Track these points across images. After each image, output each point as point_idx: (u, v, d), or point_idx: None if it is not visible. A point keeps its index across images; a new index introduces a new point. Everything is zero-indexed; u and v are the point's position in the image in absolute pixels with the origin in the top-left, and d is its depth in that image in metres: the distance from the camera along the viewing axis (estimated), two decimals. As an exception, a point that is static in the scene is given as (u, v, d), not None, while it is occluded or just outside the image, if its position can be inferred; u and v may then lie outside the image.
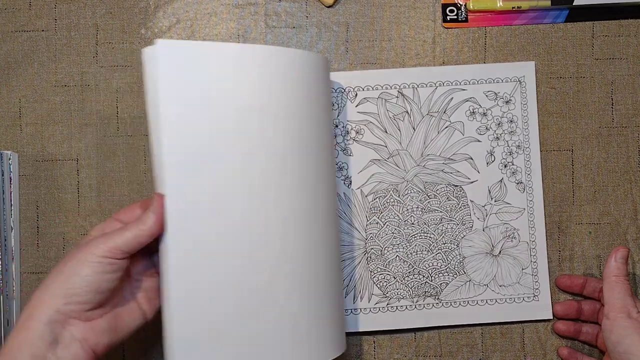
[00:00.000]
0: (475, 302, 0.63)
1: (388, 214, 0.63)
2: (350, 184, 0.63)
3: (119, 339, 0.51)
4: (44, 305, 0.47)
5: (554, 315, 0.64)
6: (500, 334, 0.64)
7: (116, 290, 0.51)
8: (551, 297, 0.64)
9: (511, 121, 0.64)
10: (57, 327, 0.47)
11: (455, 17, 0.65)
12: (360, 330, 0.63)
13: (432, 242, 0.63)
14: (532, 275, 0.63)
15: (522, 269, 0.63)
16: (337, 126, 0.64)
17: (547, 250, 0.64)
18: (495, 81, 0.64)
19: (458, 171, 0.64)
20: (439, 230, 0.63)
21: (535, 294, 0.63)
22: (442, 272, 0.63)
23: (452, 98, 0.64)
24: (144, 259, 0.54)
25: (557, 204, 0.65)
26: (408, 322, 0.63)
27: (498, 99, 0.64)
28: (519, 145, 0.64)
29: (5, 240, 0.63)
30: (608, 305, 0.55)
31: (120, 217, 0.53)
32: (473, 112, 0.64)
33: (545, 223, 0.64)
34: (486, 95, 0.64)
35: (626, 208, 0.65)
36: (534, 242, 0.64)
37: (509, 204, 0.64)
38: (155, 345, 0.63)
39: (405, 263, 0.63)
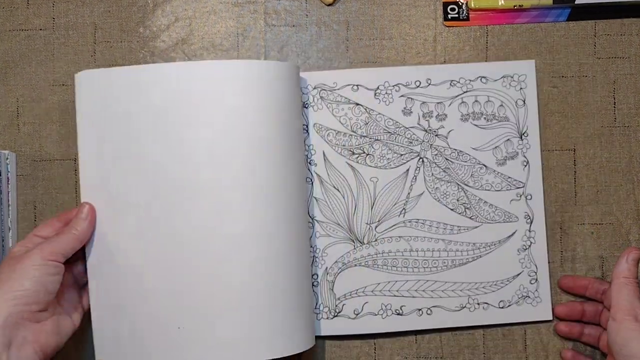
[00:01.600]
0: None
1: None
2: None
3: (61, 343, 0.54)
4: None
5: (555, 317, 0.63)
6: (502, 336, 0.63)
7: (57, 294, 0.54)
8: (553, 298, 0.63)
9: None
10: (10, 330, 0.50)
11: (457, 15, 0.65)
12: (361, 333, 0.62)
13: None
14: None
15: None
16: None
17: (549, 250, 0.63)
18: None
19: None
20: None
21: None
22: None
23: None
24: (67, 272, 0.57)
25: (559, 204, 0.64)
26: (409, 325, 0.62)
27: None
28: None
29: (3, 240, 0.63)
30: (615, 307, 0.54)
31: (39, 233, 0.56)
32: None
33: (547, 223, 0.64)
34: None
35: (629, 208, 0.64)
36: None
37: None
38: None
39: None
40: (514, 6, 0.64)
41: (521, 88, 0.64)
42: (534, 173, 0.63)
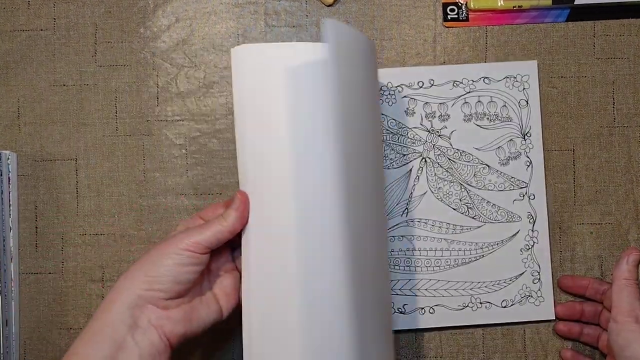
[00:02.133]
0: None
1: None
2: None
3: (194, 332, 0.52)
4: (126, 290, 0.50)
5: (555, 316, 0.63)
6: (501, 335, 0.64)
7: (196, 283, 0.52)
8: (553, 298, 0.63)
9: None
10: (137, 311, 0.50)
11: (456, 16, 0.65)
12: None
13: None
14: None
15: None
16: None
17: (549, 250, 0.64)
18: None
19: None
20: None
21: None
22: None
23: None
24: (226, 255, 0.56)
25: (558, 204, 0.64)
26: (411, 323, 0.63)
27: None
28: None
29: (4, 240, 0.63)
30: (616, 308, 0.55)
31: (203, 215, 0.56)
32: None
33: (547, 223, 0.64)
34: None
35: (628, 208, 0.64)
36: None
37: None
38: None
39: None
40: (514, 7, 0.64)
41: (524, 88, 0.64)
42: (537, 173, 0.64)
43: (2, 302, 0.62)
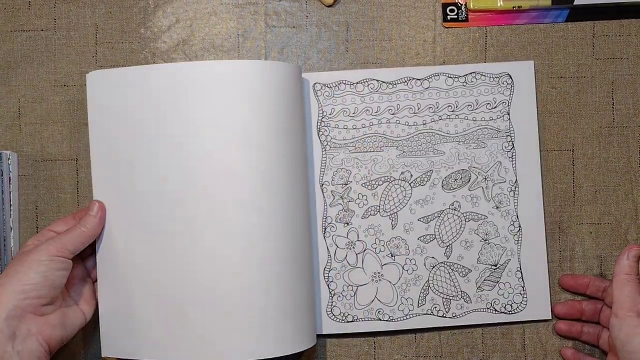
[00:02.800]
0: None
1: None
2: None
3: (68, 336, 0.56)
4: (1, 302, 0.51)
5: (555, 316, 0.63)
6: (500, 335, 0.64)
7: (62, 290, 0.55)
8: (552, 298, 0.63)
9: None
10: (15, 322, 0.51)
11: (456, 16, 0.65)
12: (360, 331, 0.63)
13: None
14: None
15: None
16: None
17: (548, 250, 0.64)
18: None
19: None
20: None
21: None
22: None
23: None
24: (79, 266, 0.59)
25: (557, 204, 0.64)
26: (409, 324, 0.63)
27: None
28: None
29: (5, 240, 0.63)
30: (617, 304, 0.55)
31: (54, 229, 0.58)
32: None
33: (546, 223, 0.64)
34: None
35: (627, 208, 0.64)
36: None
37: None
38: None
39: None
40: (513, 7, 0.64)
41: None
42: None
43: (3, 302, 0.62)
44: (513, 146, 0.64)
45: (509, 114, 0.64)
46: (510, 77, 0.64)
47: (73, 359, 0.63)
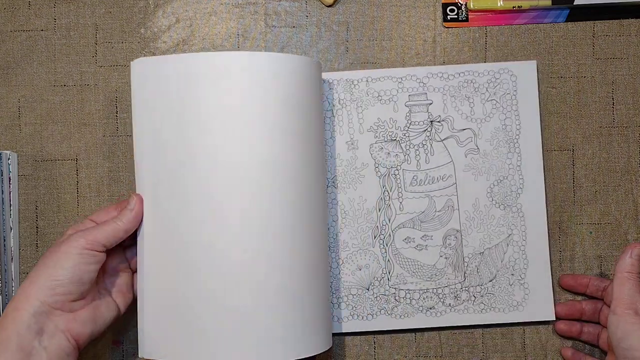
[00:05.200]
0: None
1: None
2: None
3: (98, 331, 0.54)
4: (29, 297, 0.50)
5: (555, 316, 0.63)
6: (501, 335, 0.64)
7: (94, 283, 0.54)
8: (552, 298, 0.63)
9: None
10: (43, 318, 0.50)
11: (456, 16, 0.65)
12: (361, 330, 0.63)
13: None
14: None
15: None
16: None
17: (548, 250, 0.64)
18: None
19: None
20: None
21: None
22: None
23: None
24: (118, 256, 0.58)
25: (557, 204, 0.64)
26: (408, 323, 0.63)
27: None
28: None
29: (5, 240, 0.63)
30: (616, 301, 0.55)
31: (95, 218, 0.57)
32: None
33: (546, 223, 0.64)
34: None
35: (627, 208, 0.64)
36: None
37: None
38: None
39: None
40: (513, 7, 0.64)
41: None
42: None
43: (3, 302, 0.62)
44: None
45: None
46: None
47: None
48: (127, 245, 0.58)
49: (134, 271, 0.59)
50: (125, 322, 0.64)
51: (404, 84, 0.64)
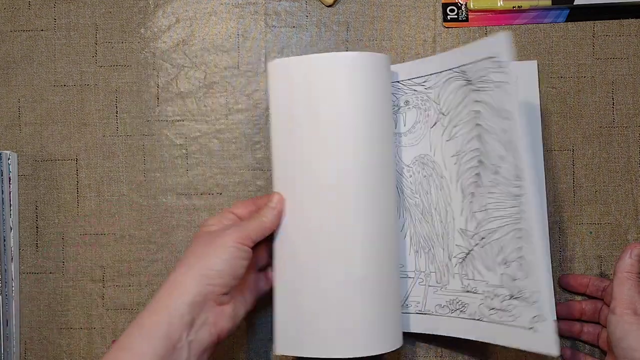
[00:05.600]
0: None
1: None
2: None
3: (237, 325, 0.54)
4: (185, 285, 0.50)
5: (555, 316, 0.63)
6: (500, 335, 0.64)
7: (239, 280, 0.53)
8: (556, 329, 0.63)
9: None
10: (197, 309, 0.50)
11: (456, 16, 0.65)
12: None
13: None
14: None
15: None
16: None
17: (551, 250, 0.64)
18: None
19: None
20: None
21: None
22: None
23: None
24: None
25: (557, 204, 0.65)
26: (409, 327, 0.63)
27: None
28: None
29: (5, 240, 0.63)
30: (615, 300, 0.55)
31: (234, 211, 0.56)
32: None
33: (546, 223, 0.64)
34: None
35: (627, 208, 0.65)
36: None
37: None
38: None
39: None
40: (513, 7, 0.64)
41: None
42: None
43: (3, 302, 0.62)
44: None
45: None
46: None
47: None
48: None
49: (258, 269, 0.59)
50: (126, 322, 0.64)
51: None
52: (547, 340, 0.54)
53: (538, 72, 0.65)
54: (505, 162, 0.58)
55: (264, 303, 0.59)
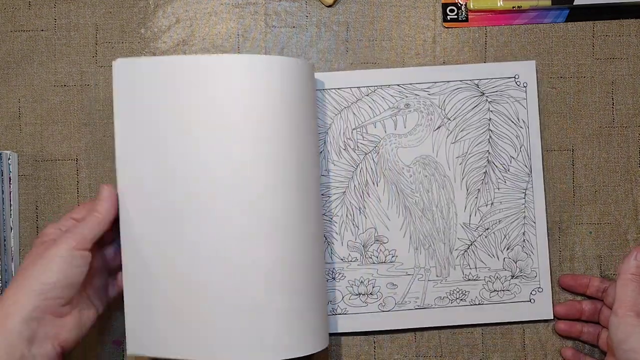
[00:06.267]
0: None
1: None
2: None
3: (82, 335, 0.53)
4: (20, 303, 0.48)
5: (555, 316, 0.63)
6: (500, 335, 0.64)
7: (80, 287, 0.52)
8: (553, 298, 0.63)
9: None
10: (34, 324, 0.48)
11: (456, 16, 0.65)
12: (361, 330, 0.63)
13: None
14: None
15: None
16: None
17: (548, 250, 0.64)
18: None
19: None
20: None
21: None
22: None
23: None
24: (96, 256, 0.56)
25: (557, 204, 0.65)
26: (408, 323, 0.63)
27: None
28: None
29: (5, 240, 0.63)
30: (618, 302, 0.55)
31: (73, 215, 0.55)
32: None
33: (546, 223, 0.64)
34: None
35: (627, 208, 0.65)
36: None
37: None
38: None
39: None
40: (513, 7, 0.64)
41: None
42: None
43: (3, 302, 0.62)
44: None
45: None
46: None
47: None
48: (103, 244, 0.57)
49: (109, 271, 0.58)
50: (126, 322, 0.64)
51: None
52: (544, 307, 0.63)
53: (537, 72, 0.65)
54: (516, 162, 0.63)
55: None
